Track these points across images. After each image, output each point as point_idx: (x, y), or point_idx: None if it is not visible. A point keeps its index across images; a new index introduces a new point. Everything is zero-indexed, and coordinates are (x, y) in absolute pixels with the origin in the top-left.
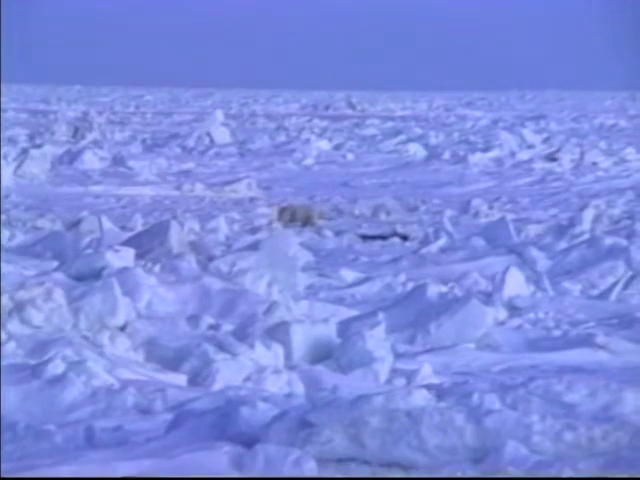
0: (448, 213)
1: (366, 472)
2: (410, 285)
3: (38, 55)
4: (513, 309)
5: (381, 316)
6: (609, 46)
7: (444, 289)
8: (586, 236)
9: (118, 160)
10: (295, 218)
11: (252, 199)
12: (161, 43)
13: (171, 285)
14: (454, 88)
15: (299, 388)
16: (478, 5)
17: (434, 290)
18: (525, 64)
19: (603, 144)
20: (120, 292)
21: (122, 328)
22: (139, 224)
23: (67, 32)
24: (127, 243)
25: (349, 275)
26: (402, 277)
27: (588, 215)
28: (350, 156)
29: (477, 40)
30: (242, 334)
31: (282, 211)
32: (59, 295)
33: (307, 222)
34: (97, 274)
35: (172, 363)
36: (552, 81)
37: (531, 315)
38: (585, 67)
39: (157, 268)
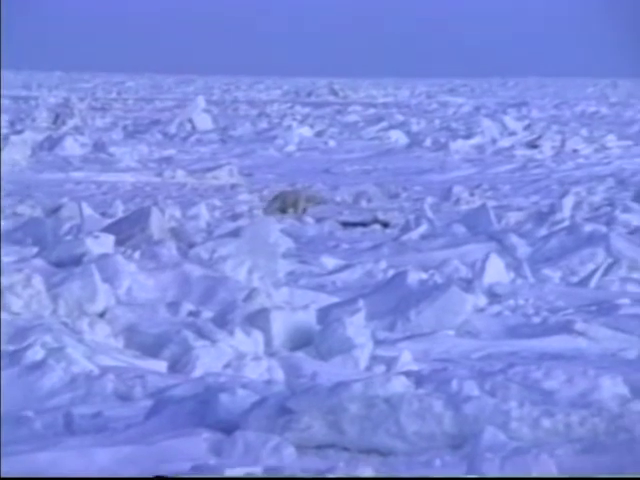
0: (429, 200)
1: (345, 458)
2: (391, 272)
3: (19, 41)
4: (493, 296)
5: (361, 303)
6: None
7: (424, 276)
8: (566, 223)
9: (99, 146)
10: (288, 205)
11: (233, 186)
12: (143, 29)
13: (151, 272)
14: (436, 75)
15: (279, 375)
16: None
17: (414, 277)
18: (507, 51)
19: (584, 131)
20: (100, 278)
21: (101, 314)
22: (120, 210)
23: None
24: (107, 229)
25: (330, 262)
26: (383, 264)
27: (568, 202)
28: (332, 143)
29: (459, 27)
30: (222, 321)
31: (275, 198)
32: (38, 281)
33: (299, 209)
34: (77, 260)
35: (152, 350)
36: (534, 68)
37: (511, 302)
38: (567, 54)
39: (137, 255)
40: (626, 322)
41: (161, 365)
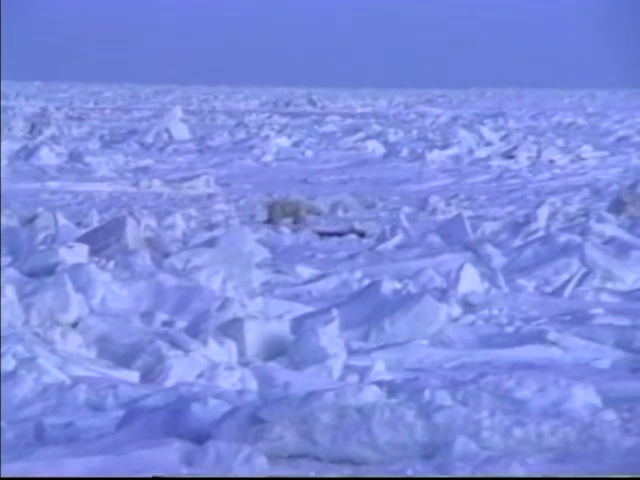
0: (405, 210)
1: (317, 468)
2: (366, 282)
3: None
4: (467, 306)
5: (335, 313)
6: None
7: (398, 286)
8: (541, 233)
9: (75, 156)
10: (285, 214)
11: (210, 195)
12: (122, 39)
13: (125, 281)
14: (415, 86)
15: (252, 385)
16: (440, 4)
17: (388, 287)
18: (486, 62)
19: (560, 142)
20: (72, 288)
21: (74, 325)
22: (95, 220)
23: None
24: (83, 239)
25: (305, 272)
26: (358, 274)
27: (543, 212)
28: (309, 153)
29: (438, 38)
30: (195, 330)
31: (272, 206)
32: (10, 291)
33: (297, 218)
34: (50, 270)
35: (124, 360)
36: (512, 79)
37: (485, 312)
38: (545, 66)
39: (111, 264)
40: (599, 332)
41: (134, 375)
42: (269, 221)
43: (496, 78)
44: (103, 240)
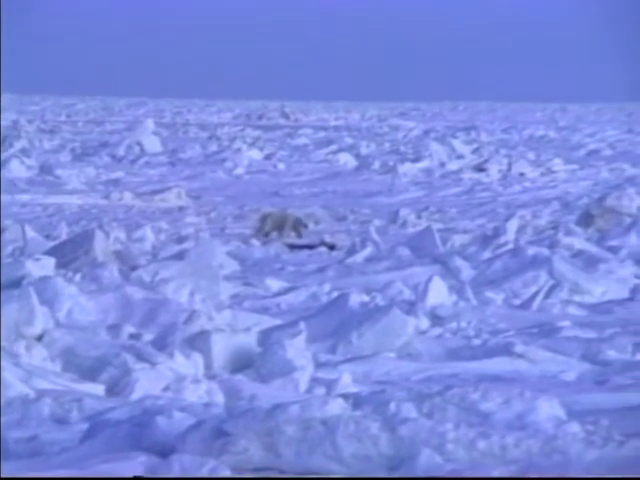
0: (376, 223)
1: None
2: (335, 294)
3: None
4: (435, 318)
5: (302, 325)
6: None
7: (366, 298)
8: (510, 246)
9: (45, 169)
10: (275, 226)
11: (181, 208)
12: (95, 52)
13: (92, 294)
14: (388, 99)
15: (218, 397)
16: (414, 18)
17: (356, 299)
18: (459, 76)
19: (531, 155)
20: (38, 301)
21: (39, 338)
22: (64, 233)
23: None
24: (51, 252)
25: (275, 284)
26: (327, 287)
27: (512, 225)
28: (281, 166)
29: (411, 52)
30: (162, 343)
31: (263, 219)
32: None
33: (285, 230)
34: (16, 283)
35: (90, 373)
36: (485, 93)
37: (453, 324)
38: (517, 79)
39: (78, 277)
40: (566, 344)
41: (99, 388)
42: (260, 234)
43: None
44: (71, 253)
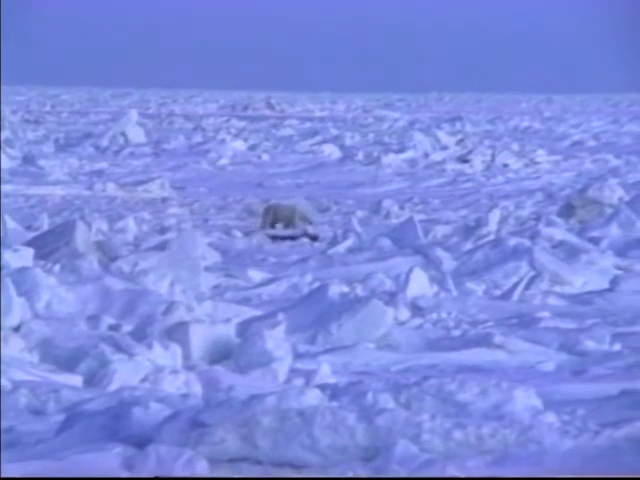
0: (359, 214)
1: (258, 472)
2: (316, 285)
3: None
4: (416, 309)
5: (281, 316)
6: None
7: (346, 289)
8: (491, 237)
9: (28, 159)
10: (278, 218)
11: (164, 199)
12: (80, 42)
13: (71, 285)
14: (374, 90)
15: (197, 388)
16: (400, 9)
17: (335, 290)
18: (445, 67)
19: (515, 146)
20: (15, 292)
21: (16, 329)
22: (45, 224)
23: None
24: (32, 243)
25: (256, 275)
26: (308, 277)
27: (494, 216)
28: (265, 157)
29: (397, 43)
30: (140, 334)
31: (266, 211)
32: None
33: (290, 222)
34: None
35: (68, 364)
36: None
37: (433, 315)
38: (503, 70)
39: (57, 268)
40: (544, 335)
41: (76, 379)
42: (265, 226)
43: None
44: (52, 244)
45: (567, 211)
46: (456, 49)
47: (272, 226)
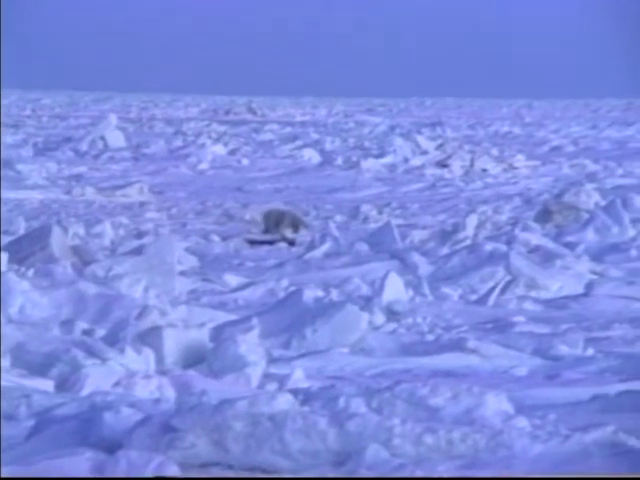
0: (337, 218)
1: (229, 476)
2: (292, 290)
3: None
4: (391, 314)
5: (255, 321)
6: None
7: (320, 294)
8: (468, 242)
9: (6, 163)
10: (280, 223)
11: (143, 203)
12: (63, 46)
13: (45, 290)
14: (356, 94)
15: (169, 393)
16: (383, 15)
17: (310, 295)
18: (426, 72)
19: (495, 151)
20: None
21: None
22: (22, 228)
23: None
24: (7, 248)
25: (233, 280)
26: (285, 282)
27: (472, 221)
28: (245, 161)
29: (379, 48)
30: (113, 339)
31: (267, 217)
32: None
33: (283, 227)
34: None
35: (40, 369)
36: (452, 89)
37: (409, 320)
38: (485, 75)
39: (31, 273)
40: (519, 340)
41: (48, 384)
42: (267, 231)
43: (436, 88)
44: (28, 248)
45: (544, 216)
46: (438, 54)
47: (277, 230)
